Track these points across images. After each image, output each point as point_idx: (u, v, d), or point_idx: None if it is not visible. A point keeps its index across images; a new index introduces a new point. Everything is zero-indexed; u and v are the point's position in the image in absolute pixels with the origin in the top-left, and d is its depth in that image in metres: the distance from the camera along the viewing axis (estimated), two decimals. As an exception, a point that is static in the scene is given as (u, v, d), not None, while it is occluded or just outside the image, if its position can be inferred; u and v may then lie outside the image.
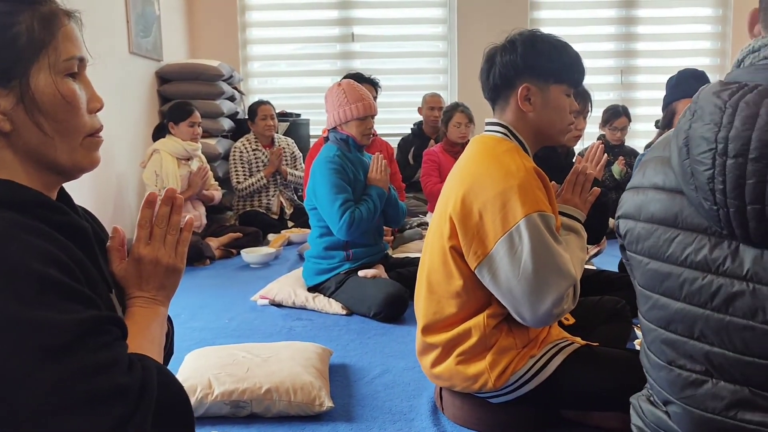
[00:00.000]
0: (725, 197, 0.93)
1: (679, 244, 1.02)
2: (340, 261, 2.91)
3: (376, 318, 2.75)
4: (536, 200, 1.57)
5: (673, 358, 1.07)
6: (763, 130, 0.89)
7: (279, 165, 4.66)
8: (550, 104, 1.70)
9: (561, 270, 1.54)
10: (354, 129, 2.89)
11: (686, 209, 1.01)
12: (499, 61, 1.70)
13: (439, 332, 1.73)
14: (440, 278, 1.71)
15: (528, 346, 1.69)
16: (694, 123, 0.98)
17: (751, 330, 0.95)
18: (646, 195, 1.09)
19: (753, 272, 0.94)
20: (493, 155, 1.66)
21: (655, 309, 1.08)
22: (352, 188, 2.86)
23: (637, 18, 5.90)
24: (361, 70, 5.68)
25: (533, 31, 1.72)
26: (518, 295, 1.55)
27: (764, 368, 0.95)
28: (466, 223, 1.62)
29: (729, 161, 0.92)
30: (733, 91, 0.95)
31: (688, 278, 1.02)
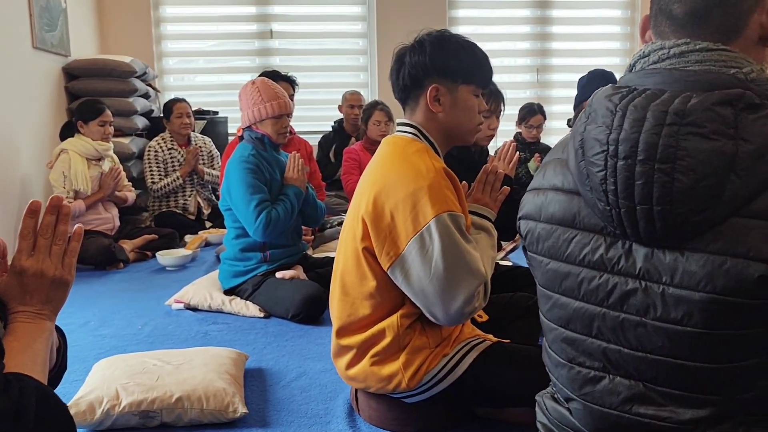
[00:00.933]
0: (617, 198, 0.95)
1: (577, 244, 1.04)
2: (257, 263, 2.86)
3: (295, 320, 2.72)
4: (446, 200, 1.58)
5: (573, 356, 1.09)
6: (649, 133, 0.91)
7: (195, 164, 4.55)
8: (459, 104, 1.71)
9: (471, 269, 1.56)
10: (269, 128, 2.84)
11: (583, 210, 1.03)
12: (408, 62, 1.70)
13: (354, 334, 1.72)
14: (354, 280, 1.70)
15: (441, 345, 1.70)
16: (589, 125, 1.00)
17: (644, 327, 0.98)
18: (545, 196, 1.10)
19: (645, 270, 0.97)
20: (403, 156, 1.66)
21: (555, 308, 1.10)
22: (269, 188, 2.82)
23: (552, 18, 6.06)
24: (280, 67, 5.62)
25: (442, 31, 1.73)
26: (430, 295, 1.56)
27: (656, 363, 0.98)
28: (378, 224, 1.61)
29: (619, 163, 0.94)
30: (624, 95, 0.97)
31: (585, 277, 1.04)
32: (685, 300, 0.93)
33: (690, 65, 0.97)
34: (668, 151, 0.90)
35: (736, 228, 0.89)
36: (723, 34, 0.98)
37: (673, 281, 0.94)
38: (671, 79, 0.96)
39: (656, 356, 0.98)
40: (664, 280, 0.95)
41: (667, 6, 1.01)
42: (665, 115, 0.91)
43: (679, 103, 0.91)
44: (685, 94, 0.92)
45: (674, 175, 0.90)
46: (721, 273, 0.90)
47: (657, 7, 1.04)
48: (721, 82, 0.93)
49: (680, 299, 0.93)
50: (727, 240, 0.89)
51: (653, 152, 0.91)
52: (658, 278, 0.95)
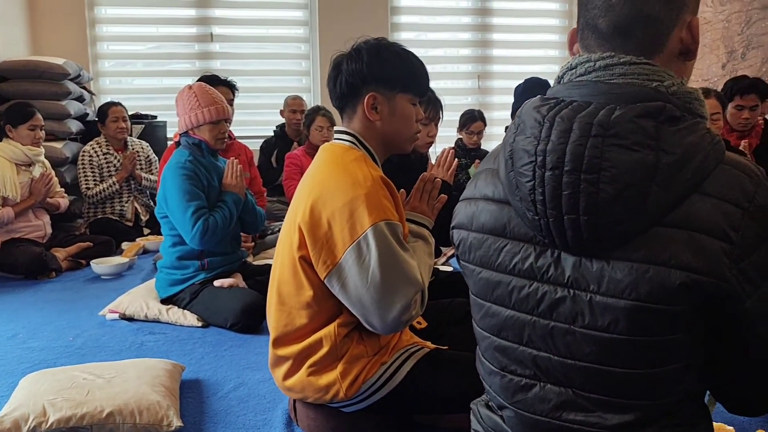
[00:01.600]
0: (545, 207, 0.96)
1: (508, 253, 1.05)
2: (194, 271, 2.81)
3: (234, 329, 2.67)
4: (383, 209, 1.58)
5: (505, 364, 1.10)
6: (575, 144, 0.93)
7: (132, 169, 4.43)
8: (396, 113, 1.71)
9: (408, 277, 1.56)
10: (207, 133, 2.79)
11: (514, 219, 1.04)
12: (345, 70, 1.70)
13: (291, 344, 1.70)
14: (290, 290, 1.68)
15: (379, 354, 1.70)
16: (518, 136, 1.01)
17: (572, 334, 0.99)
18: (477, 206, 1.11)
19: (573, 279, 0.98)
20: (341, 164, 1.65)
21: (487, 317, 1.11)
22: (206, 195, 2.77)
23: (492, 25, 6.15)
24: (221, 71, 5.54)
25: (379, 40, 1.73)
26: (367, 304, 1.56)
27: (584, 370, 1.00)
28: (315, 233, 1.60)
29: (547, 173, 0.95)
30: (551, 107, 0.98)
31: (516, 286, 1.05)
32: (611, 307, 0.95)
33: (614, 78, 0.99)
34: (593, 161, 0.92)
35: (658, 237, 0.91)
36: (646, 48, 1.01)
37: (599, 289, 0.96)
38: (597, 92, 0.98)
39: (585, 363, 1.00)
40: (591, 288, 0.97)
41: (593, 20, 1.03)
42: (590, 127, 0.92)
43: (604, 116, 0.93)
44: (610, 107, 0.94)
45: (599, 185, 0.91)
46: (644, 281, 0.92)
47: (584, 21, 1.06)
48: (644, 95, 0.95)
49: (607, 307, 0.95)
50: (650, 248, 0.92)
51: (579, 163, 0.92)
52: (586, 286, 0.97)
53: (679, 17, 1.01)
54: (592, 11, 1.03)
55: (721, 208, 0.90)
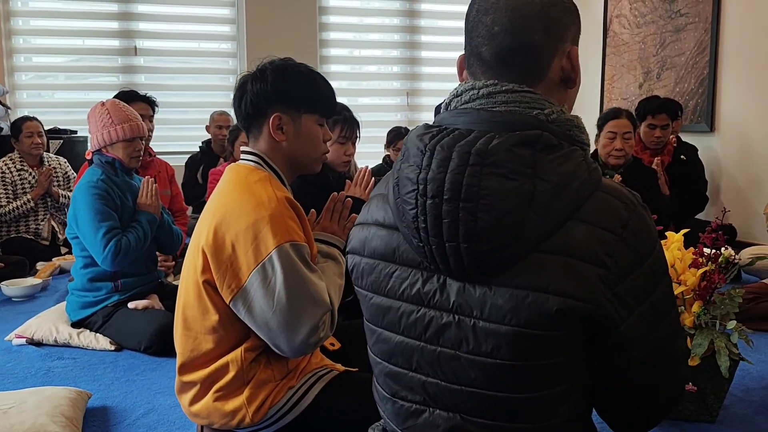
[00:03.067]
0: (428, 235, 0.97)
1: (397, 278, 1.06)
2: (107, 293, 2.72)
3: (148, 352, 2.60)
4: (288, 230, 1.56)
5: (396, 390, 1.10)
6: (454, 173, 0.94)
7: (49, 186, 4.28)
8: (302, 133, 1.70)
9: (315, 299, 1.55)
10: (120, 151, 2.72)
11: (402, 245, 1.05)
12: (249, 90, 1.68)
13: (196, 369, 1.66)
14: (196, 314, 1.64)
15: (287, 378, 1.67)
16: (403, 164, 1.02)
17: (458, 360, 1.00)
18: (369, 231, 1.11)
19: (458, 304, 0.99)
20: (245, 185, 1.63)
21: (379, 342, 1.11)
22: (120, 214, 2.69)
23: (421, 43, 6.23)
24: (146, 85, 5.43)
25: (285, 60, 1.72)
26: (274, 327, 1.54)
27: (471, 395, 1.00)
28: (218, 256, 1.57)
29: (428, 201, 0.96)
30: (434, 135, 0.99)
31: (405, 311, 1.05)
32: (494, 333, 0.96)
33: (497, 106, 1.00)
34: (471, 190, 0.93)
35: (536, 263, 0.93)
36: (527, 76, 1.03)
37: (482, 315, 0.97)
38: (479, 119, 1.00)
39: (471, 388, 1.00)
40: (474, 314, 0.97)
41: (477, 48, 1.05)
42: (469, 156, 0.93)
43: (482, 144, 0.94)
44: (489, 135, 0.95)
45: (477, 213, 0.93)
46: (524, 306, 0.93)
47: (470, 49, 1.07)
48: (523, 123, 0.97)
49: (489, 332, 0.96)
50: (528, 275, 0.93)
51: (458, 191, 0.93)
52: (470, 312, 0.98)
53: (558, 47, 1.04)
54: (476, 39, 1.05)
55: (596, 235, 0.92)
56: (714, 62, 4.72)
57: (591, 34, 5.89)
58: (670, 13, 5.10)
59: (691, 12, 4.90)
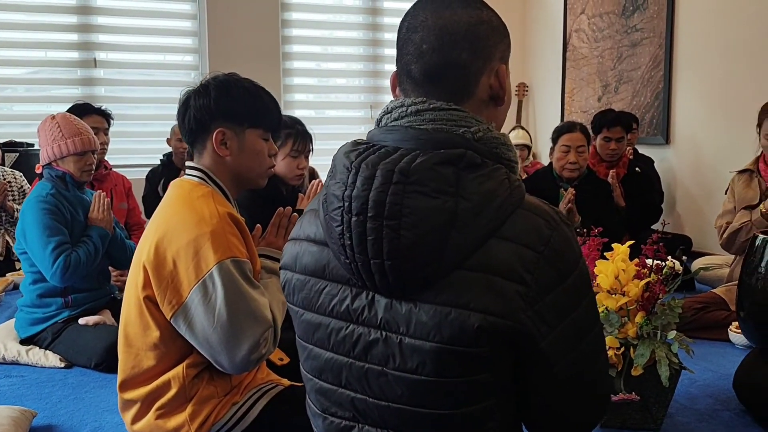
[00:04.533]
0: (353, 252, 0.98)
1: (327, 295, 1.06)
2: (57, 309, 2.67)
3: (98, 369, 2.56)
4: (229, 246, 1.56)
5: (327, 406, 1.10)
6: (377, 191, 0.94)
7: (3, 200, 4.20)
8: (246, 148, 1.70)
9: (256, 316, 1.55)
10: (71, 165, 2.68)
11: (332, 261, 1.05)
12: (193, 105, 1.68)
13: (138, 387, 1.64)
14: (137, 330, 1.63)
15: (230, 394, 1.66)
16: (330, 180, 1.02)
17: (385, 376, 1.00)
18: (301, 246, 1.11)
19: (385, 321, 0.99)
20: (187, 201, 1.62)
21: (309, 359, 1.11)
22: (70, 229, 2.65)
23: (384, 56, 6.25)
24: (106, 97, 5.38)
25: (229, 75, 1.73)
26: (215, 344, 1.53)
27: (398, 412, 1.01)
28: (159, 272, 1.56)
29: (353, 219, 0.96)
30: (360, 152, 1.00)
31: (334, 328, 1.05)
32: (419, 350, 0.96)
33: (425, 124, 1.01)
34: (394, 208, 0.93)
35: (459, 280, 0.94)
36: (455, 94, 1.04)
37: (408, 331, 0.97)
38: (407, 137, 1.01)
39: (398, 405, 1.01)
40: (401, 330, 0.98)
41: (407, 66, 1.06)
42: (392, 174, 0.94)
43: (405, 163, 0.95)
44: (413, 154, 0.96)
45: (400, 231, 0.93)
46: (446, 323, 0.94)
47: (400, 66, 1.08)
48: (449, 141, 0.98)
49: (415, 349, 0.97)
50: (451, 292, 0.94)
51: (381, 209, 0.94)
52: (396, 329, 0.98)
53: (486, 65, 1.05)
54: (406, 57, 1.06)
55: (517, 252, 0.94)
56: (668, 76, 4.83)
57: (551, 48, 5.99)
58: (627, 29, 5.20)
59: (646, 27, 5.00)
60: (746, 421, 2.12)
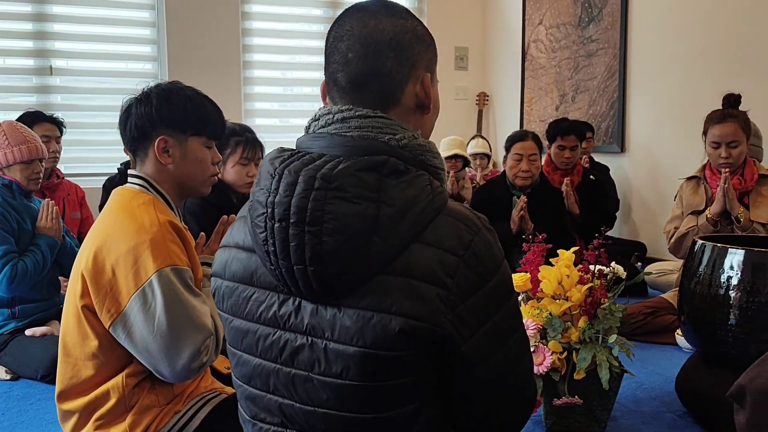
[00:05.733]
0: (277, 258, 0.98)
1: (255, 301, 1.06)
2: (4, 320, 2.63)
3: (45, 381, 2.52)
4: (169, 254, 1.55)
5: (256, 413, 1.10)
6: (299, 197, 0.95)
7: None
8: (189, 156, 1.70)
9: (196, 324, 1.54)
10: (18, 173, 2.65)
11: (260, 268, 1.06)
12: (134, 113, 1.68)
13: (76, 398, 1.62)
14: (75, 340, 1.61)
15: (173, 402, 1.65)
16: (256, 187, 1.03)
17: (311, 381, 1.01)
18: (230, 253, 1.12)
19: (311, 327, 1.00)
20: (127, 209, 1.61)
21: (239, 365, 1.11)
22: (17, 238, 2.61)
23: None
24: (62, 105, 5.30)
25: (172, 83, 1.72)
26: (155, 352, 1.52)
27: (324, 417, 1.02)
28: (98, 281, 1.55)
29: (276, 225, 0.97)
30: (284, 159, 1.01)
31: (262, 334, 1.06)
32: (343, 354, 0.97)
33: (350, 131, 1.03)
34: (316, 214, 0.94)
35: (381, 285, 0.95)
36: (381, 102, 1.06)
37: (333, 336, 0.98)
38: (333, 144, 1.02)
39: (323, 410, 1.02)
40: (326, 335, 0.99)
41: (334, 74, 1.08)
42: (314, 180, 0.95)
43: (327, 169, 0.96)
44: (336, 160, 0.98)
45: (322, 237, 0.94)
46: (369, 328, 0.95)
47: (328, 74, 1.10)
48: (374, 148, 1.00)
49: (339, 354, 0.98)
50: (374, 296, 0.95)
51: (303, 215, 0.95)
52: (322, 334, 0.99)
53: (411, 73, 1.07)
54: (333, 65, 1.08)
55: (438, 256, 0.95)
56: (623, 86, 4.93)
57: (510, 58, 6.07)
58: (583, 39, 5.30)
59: (601, 38, 5.10)
60: (688, 422, 2.16)
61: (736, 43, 4.07)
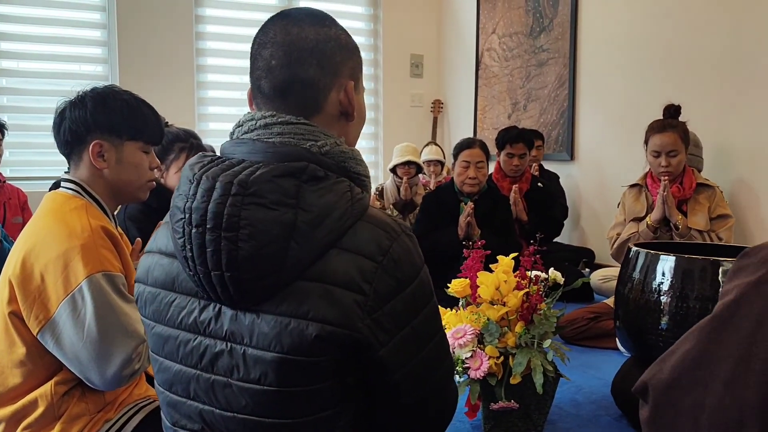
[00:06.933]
0: (195, 264, 0.98)
1: (176, 307, 1.06)
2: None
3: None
4: (101, 260, 1.54)
5: (177, 419, 1.10)
6: (216, 203, 0.96)
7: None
8: (125, 161, 1.68)
9: (128, 330, 1.53)
10: (-46, 177, 2.58)
11: (182, 273, 1.06)
12: (68, 117, 1.66)
13: (4, 406, 1.59)
14: (2, 348, 1.57)
15: (103, 410, 1.63)
16: (176, 193, 1.03)
17: (230, 387, 1.01)
18: (153, 259, 1.11)
19: (230, 332, 1.00)
20: (58, 214, 1.59)
21: (160, 372, 1.11)
22: (-49, 244, 2.55)
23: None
24: (8, 107, 5.19)
25: (108, 87, 1.71)
26: (84, 360, 1.50)
27: (243, 422, 1.02)
28: (26, 287, 1.52)
29: (194, 231, 0.97)
30: (203, 165, 1.01)
31: (183, 340, 1.05)
32: (261, 360, 0.98)
33: (272, 137, 1.04)
34: (232, 220, 0.95)
35: (299, 291, 0.96)
36: (304, 108, 1.07)
37: (251, 342, 0.99)
38: (254, 150, 1.03)
39: (243, 415, 1.02)
40: (244, 341, 0.99)
41: (258, 81, 1.09)
42: (231, 186, 0.96)
43: (245, 175, 0.97)
44: (255, 166, 0.98)
45: (238, 243, 0.95)
46: (286, 333, 0.96)
47: (252, 81, 1.11)
48: (294, 155, 1.01)
49: (257, 359, 0.98)
50: (291, 302, 0.96)
51: (219, 221, 0.95)
52: (240, 340, 1.00)
53: (334, 81, 1.08)
54: (257, 72, 1.09)
55: (356, 262, 0.96)
56: (572, 95, 5.03)
57: (465, 66, 6.14)
58: (534, 49, 5.39)
59: (552, 48, 5.20)
60: (623, 424, 2.22)
61: (678, 56, 4.19)
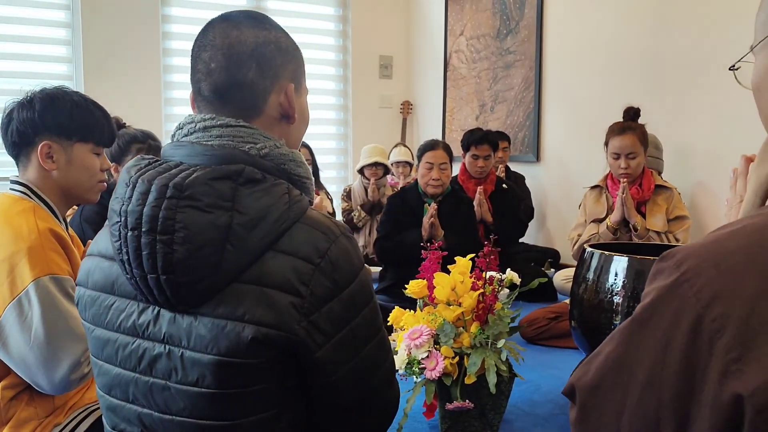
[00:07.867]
0: (131, 267, 0.98)
1: (116, 310, 1.06)
2: None
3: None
4: (48, 263, 1.52)
5: (116, 423, 1.09)
6: (151, 206, 0.96)
7: None
8: (75, 163, 1.67)
9: (76, 334, 1.52)
10: None
11: (121, 276, 1.05)
12: (16, 118, 1.64)
13: (-51, 411, 1.57)
14: (-52, 352, 1.55)
15: (53, 415, 1.61)
16: (113, 195, 1.03)
17: (169, 390, 1.01)
18: (93, 262, 1.11)
19: (169, 335, 1.00)
20: (5, 216, 1.57)
21: (100, 375, 1.10)
22: None
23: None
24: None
25: (58, 88, 1.70)
26: (32, 364, 1.49)
27: (181, 425, 1.02)
28: (-29, 291, 1.50)
29: (129, 234, 0.97)
30: (140, 168, 1.01)
31: (122, 344, 1.05)
32: (198, 362, 0.98)
33: (211, 140, 1.04)
34: (167, 223, 0.95)
35: (235, 293, 0.96)
36: (244, 111, 1.07)
37: (189, 345, 0.99)
38: (193, 153, 1.03)
39: (181, 418, 1.02)
40: (183, 344, 0.99)
41: (198, 84, 1.09)
42: (166, 189, 0.96)
43: (181, 178, 0.97)
44: (192, 169, 0.98)
45: (173, 246, 0.95)
46: (223, 336, 0.96)
47: (192, 84, 1.11)
48: (232, 158, 1.01)
49: (195, 362, 0.98)
50: (228, 305, 0.96)
51: (155, 224, 0.95)
52: (179, 342, 1.00)
53: (274, 84, 1.09)
54: (196, 75, 1.09)
55: (293, 264, 0.97)
56: (538, 97, 5.08)
57: (433, 68, 6.17)
58: (501, 51, 5.43)
59: (518, 50, 5.25)
60: (578, 423, 2.24)
61: (639, 60, 4.26)
